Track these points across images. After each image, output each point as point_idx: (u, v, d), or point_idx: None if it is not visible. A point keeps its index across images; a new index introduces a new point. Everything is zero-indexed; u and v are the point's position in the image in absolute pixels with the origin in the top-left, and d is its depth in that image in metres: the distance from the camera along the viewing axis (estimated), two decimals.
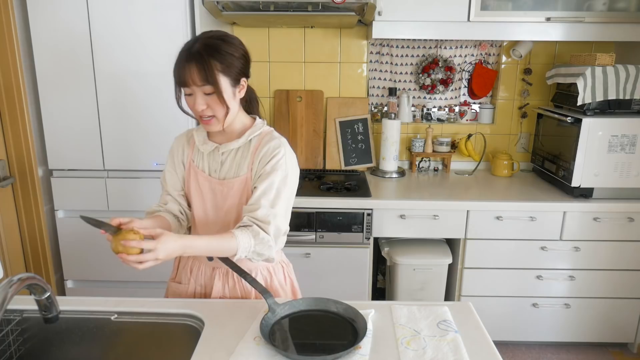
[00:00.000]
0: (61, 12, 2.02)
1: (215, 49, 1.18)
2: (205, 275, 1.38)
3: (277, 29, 2.68)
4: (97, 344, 1.26)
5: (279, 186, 1.25)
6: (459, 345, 1.10)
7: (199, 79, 1.17)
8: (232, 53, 1.21)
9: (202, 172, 1.34)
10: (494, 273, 2.32)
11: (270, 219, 1.21)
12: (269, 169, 1.25)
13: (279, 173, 1.25)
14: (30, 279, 0.95)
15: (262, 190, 1.23)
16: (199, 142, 1.35)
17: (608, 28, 2.28)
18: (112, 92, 2.11)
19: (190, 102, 1.23)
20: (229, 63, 1.20)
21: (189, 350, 1.10)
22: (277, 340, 1.12)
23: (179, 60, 1.20)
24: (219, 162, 1.32)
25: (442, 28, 2.30)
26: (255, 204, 1.23)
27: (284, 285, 1.41)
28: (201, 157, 1.35)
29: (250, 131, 1.31)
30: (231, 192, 1.30)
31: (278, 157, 1.26)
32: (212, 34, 1.23)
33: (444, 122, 2.81)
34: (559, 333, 2.42)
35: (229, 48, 1.20)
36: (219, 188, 1.32)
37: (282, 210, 1.25)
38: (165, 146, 2.15)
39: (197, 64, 1.16)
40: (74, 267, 2.33)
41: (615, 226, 2.25)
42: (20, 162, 2.13)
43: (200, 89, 1.19)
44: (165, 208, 1.37)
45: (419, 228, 2.28)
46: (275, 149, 1.27)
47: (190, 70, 1.17)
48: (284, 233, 1.28)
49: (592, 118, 2.21)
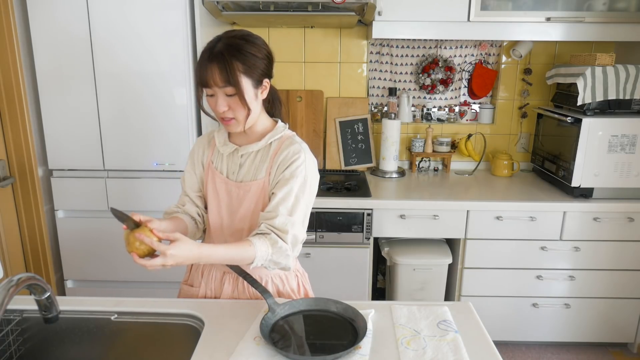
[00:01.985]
0: (61, 12, 2.02)
1: (237, 49, 1.15)
2: (215, 280, 1.37)
3: (277, 29, 2.68)
4: (97, 344, 1.26)
5: (297, 193, 1.23)
6: (459, 345, 1.10)
7: (220, 80, 1.15)
8: (255, 53, 1.18)
9: (219, 174, 1.32)
10: (494, 273, 2.32)
11: (288, 227, 1.19)
12: (288, 174, 1.23)
13: (298, 179, 1.23)
14: (30, 279, 0.95)
15: (281, 197, 1.21)
16: (219, 143, 1.32)
17: (608, 28, 2.28)
18: (112, 92, 2.11)
19: (211, 102, 1.20)
20: (251, 64, 1.17)
21: (189, 350, 1.10)
22: (277, 340, 1.12)
23: (201, 60, 1.17)
24: (237, 164, 1.30)
25: (442, 28, 2.30)
26: (273, 211, 1.20)
27: (296, 293, 1.38)
28: (220, 158, 1.33)
29: (271, 134, 1.28)
30: (248, 195, 1.28)
31: (298, 162, 1.23)
32: (235, 34, 1.19)
33: (444, 122, 2.81)
34: (559, 333, 2.42)
35: (251, 48, 1.18)
36: (236, 191, 1.29)
37: (300, 218, 1.23)
38: (165, 146, 2.17)
39: (218, 64, 1.14)
40: (74, 267, 2.33)
41: (615, 226, 2.25)
42: (20, 162, 2.13)
43: (221, 89, 1.16)
44: (183, 209, 1.36)
45: (419, 228, 2.28)
46: (295, 154, 1.24)
47: (212, 70, 1.14)
48: (301, 241, 1.25)
49: (592, 118, 2.21)
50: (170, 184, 2.20)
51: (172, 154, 2.16)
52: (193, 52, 2.10)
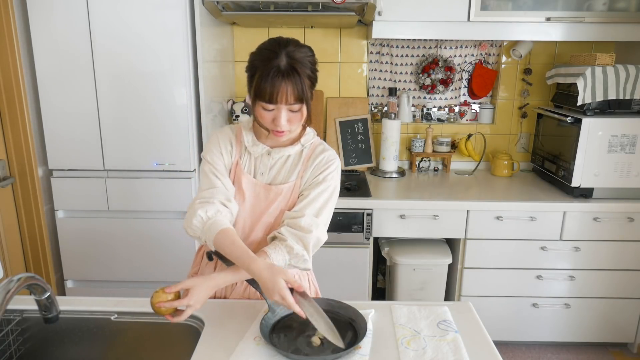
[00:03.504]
0: (61, 12, 2.02)
1: (304, 65, 1.13)
2: None
3: (277, 29, 2.68)
4: (97, 344, 1.26)
5: (326, 198, 1.24)
6: (459, 345, 1.10)
7: (293, 98, 1.11)
8: (315, 65, 1.18)
9: (247, 174, 1.28)
10: (494, 273, 2.32)
11: (313, 228, 1.20)
12: (321, 178, 1.25)
13: (330, 185, 1.25)
14: (30, 279, 0.95)
15: (310, 199, 1.22)
16: (248, 143, 1.27)
17: (608, 28, 2.28)
18: (112, 92, 2.11)
19: (267, 116, 1.15)
20: (315, 78, 1.18)
21: (189, 350, 1.10)
22: (277, 340, 1.12)
23: (268, 76, 1.09)
24: (267, 165, 1.27)
25: (442, 28, 2.30)
26: (299, 212, 1.21)
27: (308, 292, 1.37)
28: (248, 158, 1.29)
29: (305, 139, 1.28)
30: (278, 198, 1.26)
31: (331, 168, 1.26)
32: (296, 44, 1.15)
33: (444, 122, 2.81)
34: (559, 333, 2.42)
35: (313, 59, 1.17)
36: (264, 193, 1.27)
37: (324, 221, 1.24)
38: (165, 146, 2.17)
39: (292, 82, 1.10)
40: (74, 267, 2.33)
41: (615, 226, 2.25)
42: (20, 162, 2.13)
43: (288, 106, 1.13)
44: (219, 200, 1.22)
45: (418, 228, 2.28)
46: (330, 160, 1.26)
47: (285, 89, 1.10)
48: (322, 243, 1.25)
49: (592, 118, 2.21)
50: (171, 184, 2.20)
51: (172, 154, 2.16)
52: (193, 52, 2.10)
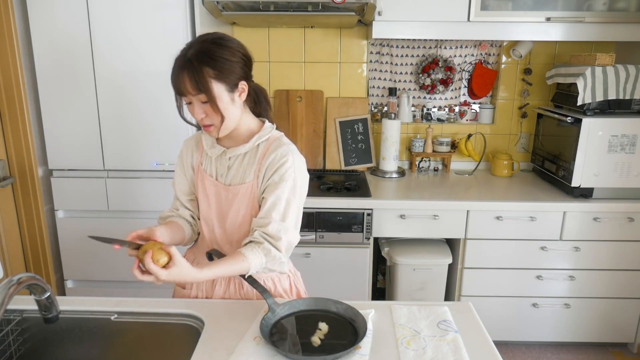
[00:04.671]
0: (61, 12, 2.02)
1: (208, 55, 1.13)
2: (206, 282, 1.35)
3: (277, 29, 2.68)
4: (97, 344, 1.26)
5: (288, 197, 1.22)
6: (459, 345, 1.10)
7: (192, 87, 1.13)
8: (228, 57, 1.15)
9: (209, 177, 1.31)
10: (494, 273, 2.32)
11: (281, 234, 1.19)
12: (277, 178, 1.22)
13: (287, 183, 1.22)
14: (30, 279, 0.95)
15: (272, 203, 1.21)
16: (206, 145, 1.31)
17: (608, 28, 2.28)
18: (112, 92, 2.11)
19: (190, 110, 1.20)
20: (223, 68, 1.14)
21: (189, 350, 1.10)
22: (277, 340, 1.12)
23: (173, 68, 1.16)
24: (225, 166, 1.29)
25: (442, 28, 2.30)
26: (265, 218, 1.20)
27: (288, 294, 1.37)
28: (209, 161, 1.32)
29: (258, 136, 1.26)
30: (236, 199, 1.27)
31: (286, 165, 1.22)
32: (207, 38, 1.17)
33: (444, 122, 2.81)
34: (559, 333, 2.42)
35: (224, 52, 1.15)
36: (225, 194, 1.29)
37: (292, 222, 1.23)
38: (165, 146, 2.17)
39: (188, 72, 1.12)
40: (74, 267, 2.33)
41: (615, 226, 2.25)
42: (20, 162, 2.13)
43: (196, 97, 1.15)
44: (177, 213, 1.36)
45: (418, 228, 2.28)
46: (283, 157, 1.22)
47: (183, 79, 1.13)
48: (294, 245, 1.25)
49: (592, 118, 2.21)
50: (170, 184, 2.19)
51: (172, 154, 2.16)
52: None
